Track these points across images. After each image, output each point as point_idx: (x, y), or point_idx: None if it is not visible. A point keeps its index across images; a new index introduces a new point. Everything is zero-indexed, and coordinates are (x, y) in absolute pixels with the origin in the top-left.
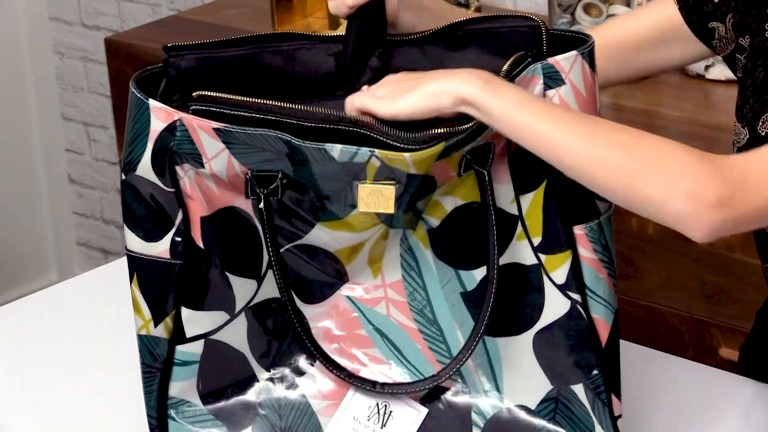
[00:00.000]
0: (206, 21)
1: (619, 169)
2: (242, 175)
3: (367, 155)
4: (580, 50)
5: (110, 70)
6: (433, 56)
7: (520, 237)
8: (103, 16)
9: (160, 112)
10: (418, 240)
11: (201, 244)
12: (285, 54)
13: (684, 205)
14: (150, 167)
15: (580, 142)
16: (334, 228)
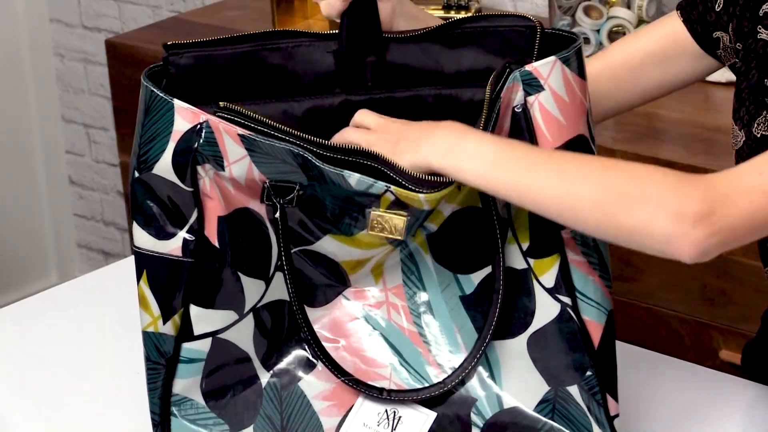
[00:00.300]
0: (207, 23)
1: (598, 206)
2: (260, 182)
3: (382, 189)
4: (559, 55)
5: (111, 72)
6: (431, 53)
7: (510, 241)
8: (104, 18)
9: (186, 113)
10: (418, 245)
11: (216, 243)
12: (284, 51)
13: (667, 227)
14: (170, 167)
15: (556, 186)
16: (342, 242)
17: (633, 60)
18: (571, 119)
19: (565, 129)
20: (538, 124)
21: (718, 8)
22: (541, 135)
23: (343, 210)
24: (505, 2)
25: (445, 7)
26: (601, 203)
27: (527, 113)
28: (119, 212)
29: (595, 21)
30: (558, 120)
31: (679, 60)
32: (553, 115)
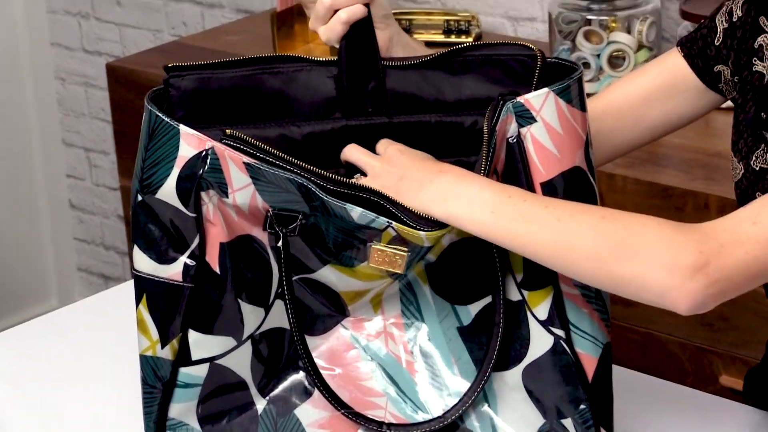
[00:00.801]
0: (208, 47)
1: (593, 257)
2: (263, 210)
3: (384, 224)
4: (552, 87)
5: (111, 96)
6: (432, 80)
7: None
8: (105, 42)
9: (192, 139)
10: (416, 275)
11: (217, 269)
12: (285, 75)
13: (663, 279)
14: (174, 192)
15: (551, 236)
16: (342, 272)
17: (636, 97)
18: (566, 151)
19: (558, 161)
20: (531, 155)
21: (718, 42)
22: (534, 167)
23: (344, 242)
24: (506, 27)
25: (445, 31)
26: (595, 254)
27: (521, 144)
28: (119, 236)
29: (596, 46)
30: (551, 152)
31: (682, 96)
32: (545, 147)
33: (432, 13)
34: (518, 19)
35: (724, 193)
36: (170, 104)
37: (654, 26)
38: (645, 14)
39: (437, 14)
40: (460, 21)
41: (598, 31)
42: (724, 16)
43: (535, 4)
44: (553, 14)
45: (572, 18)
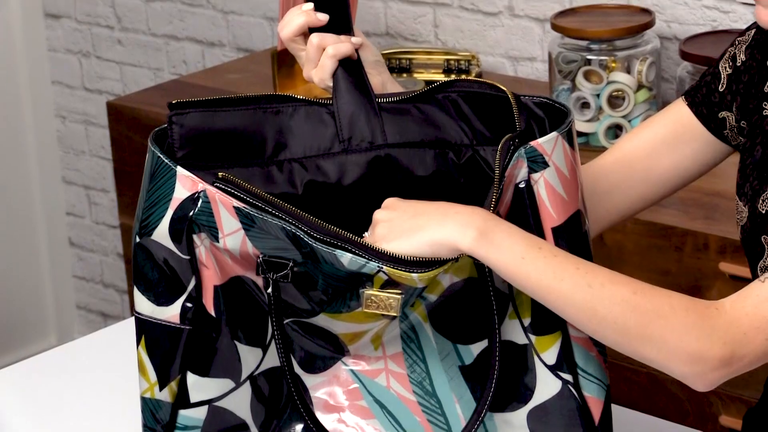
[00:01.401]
0: (208, 85)
1: (620, 330)
2: (254, 256)
3: (374, 269)
4: (560, 130)
5: (112, 134)
6: (426, 113)
7: (512, 316)
8: (105, 80)
9: (186, 180)
10: (417, 315)
11: (212, 311)
12: (285, 114)
13: (686, 368)
14: (167, 233)
15: (581, 300)
16: (337, 319)
17: (644, 150)
18: (571, 194)
19: (566, 204)
20: (543, 201)
21: (722, 88)
22: (545, 212)
23: (336, 290)
24: (506, 66)
25: (445, 70)
26: (622, 330)
27: (531, 189)
28: (119, 274)
29: (595, 85)
30: (561, 196)
31: (689, 146)
32: (557, 191)
33: (432, 52)
34: (518, 59)
35: (724, 233)
36: (172, 141)
37: (654, 66)
38: (645, 54)
39: (437, 53)
40: (460, 60)
41: (597, 71)
42: (728, 62)
43: (535, 43)
44: (553, 54)
45: (572, 58)
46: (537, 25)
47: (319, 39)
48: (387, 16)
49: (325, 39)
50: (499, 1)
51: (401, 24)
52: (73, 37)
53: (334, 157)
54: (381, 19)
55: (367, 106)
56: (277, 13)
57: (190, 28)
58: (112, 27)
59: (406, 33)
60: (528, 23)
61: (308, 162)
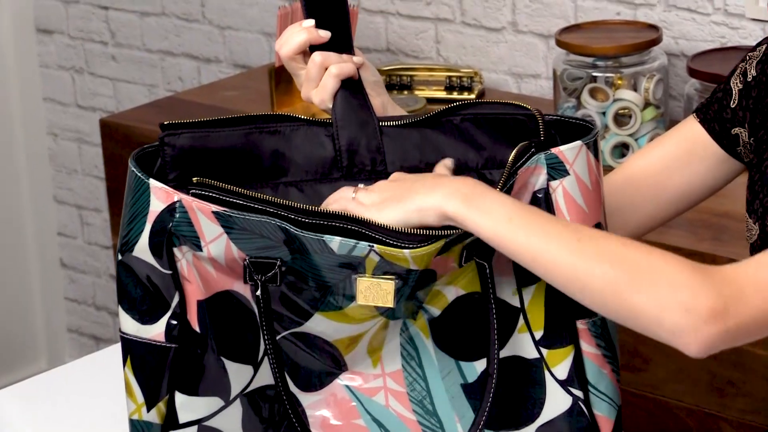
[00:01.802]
0: (204, 102)
1: (610, 282)
2: (240, 261)
3: (365, 250)
4: (585, 140)
5: (105, 152)
6: (432, 140)
7: (522, 330)
8: (99, 97)
9: (160, 192)
10: (418, 329)
11: (197, 327)
12: (282, 134)
13: (678, 318)
14: (147, 248)
15: (569, 256)
16: (332, 318)
17: (655, 168)
18: (592, 206)
19: (587, 216)
20: (561, 210)
21: (734, 105)
22: None
23: (328, 282)
24: (509, 84)
25: (447, 88)
26: (612, 281)
27: (549, 198)
28: (111, 296)
29: (601, 103)
30: (581, 207)
31: (701, 164)
32: (576, 201)
33: (434, 69)
34: (522, 76)
35: (733, 254)
36: (164, 163)
37: (661, 84)
38: (652, 71)
39: (439, 70)
40: (462, 77)
41: (603, 89)
42: (739, 77)
43: (539, 60)
44: (557, 71)
45: (577, 75)
46: (541, 42)
47: (322, 58)
48: (388, 32)
49: (329, 58)
50: (502, 17)
51: (402, 40)
52: (66, 52)
53: (332, 183)
54: (381, 34)
55: (368, 131)
56: (274, 28)
57: (185, 44)
58: (106, 42)
59: (407, 49)
60: (532, 39)
61: (306, 186)
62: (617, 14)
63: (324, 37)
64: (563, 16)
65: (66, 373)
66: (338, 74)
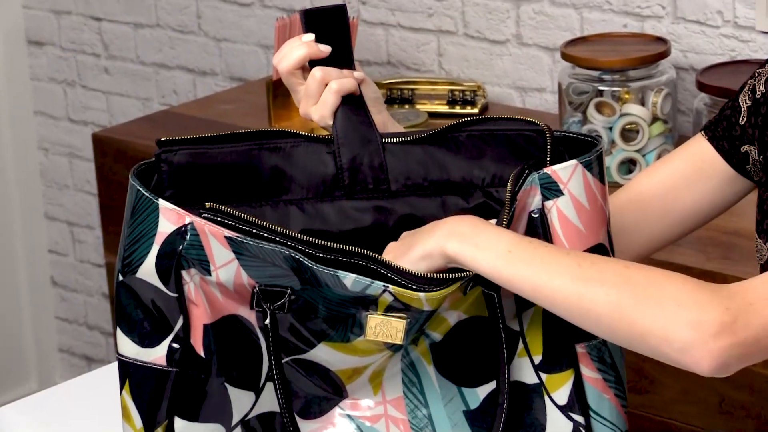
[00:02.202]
0: (200, 116)
1: (614, 306)
2: (249, 287)
3: (380, 289)
4: (581, 159)
5: (97, 167)
6: (435, 158)
7: (521, 354)
8: (91, 111)
9: (171, 214)
10: (420, 355)
11: (201, 352)
12: (282, 151)
13: (685, 335)
14: (154, 271)
15: (571, 284)
16: (338, 349)
17: (662, 187)
18: (591, 227)
19: (584, 237)
20: (556, 230)
21: (743, 122)
22: (558, 242)
23: (338, 315)
24: (513, 98)
25: (449, 102)
26: (616, 305)
27: (544, 218)
28: (104, 316)
29: (608, 118)
30: (577, 227)
31: (710, 182)
32: (571, 221)
33: (436, 82)
34: (526, 90)
35: (743, 273)
36: (161, 180)
37: (669, 98)
38: (660, 85)
39: (441, 84)
40: (465, 91)
41: (610, 103)
42: (747, 94)
43: (544, 74)
44: (563, 85)
45: (583, 89)
46: (546, 55)
47: (322, 73)
48: (388, 44)
49: (329, 73)
50: (506, 29)
51: (403, 52)
52: (58, 65)
53: (334, 202)
54: (382, 47)
55: (371, 148)
56: (272, 40)
57: (180, 56)
58: (99, 55)
59: (409, 62)
60: (537, 52)
61: (307, 204)
62: (624, 26)
63: (324, 52)
64: (569, 29)
65: (57, 395)
66: (339, 90)
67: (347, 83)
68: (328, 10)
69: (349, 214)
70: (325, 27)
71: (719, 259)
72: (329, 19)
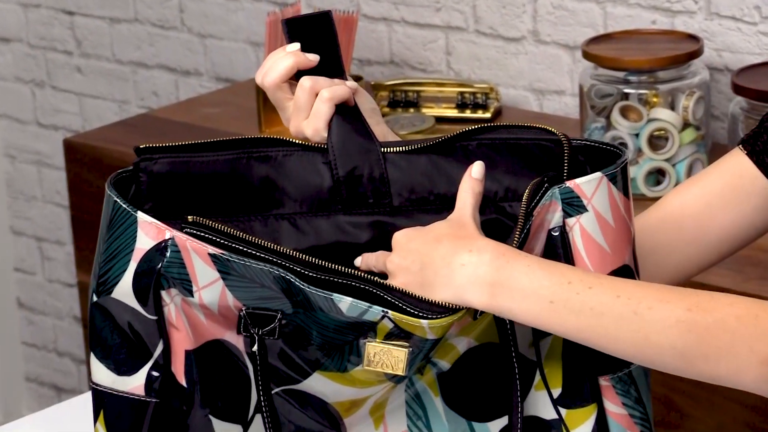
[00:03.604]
0: (182, 121)
1: (680, 357)
2: (235, 310)
3: (378, 315)
4: (606, 171)
5: (69, 177)
6: (443, 169)
7: (539, 387)
8: (62, 114)
9: (150, 228)
10: (426, 385)
11: (183, 381)
12: (274, 161)
13: (758, 372)
14: (131, 290)
15: (629, 335)
16: (334, 380)
17: (696, 206)
18: (616, 246)
19: (609, 258)
20: (578, 250)
21: None
22: (581, 263)
23: (333, 342)
24: (530, 101)
25: (459, 105)
26: (681, 354)
27: (565, 237)
28: (75, 341)
29: (634, 124)
30: (601, 247)
31: (749, 201)
32: (596, 240)
33: (444, 84)
34: (544, 92)
35: None
36: (139, 191)
37: (702, 102)
38: (691, 88)
39: (450, 85)
40: (476, 94)
41: (636, 107)
42: None
43: (563, 74)
44: (584, 87)
45: (607, 91)
46: (566, 53)
47: (311, 82)
48: (391, 41)
49: (319, 82)
50: (522, 25)
51: (408, 50)
52: (25, 63)
53: (330, 217)
54: (384, 44)
55: (371, 158)
56: (262, 37)
57: (161, 54)
58: (71, 52)
59: (414, 61)
60: (555, 50)
61: (300, 219)
62: (652, 23)
63: (313, 60)
64: (591, 25)
65: (24, 428)
66: (332, 98)
67: (340, 90)
68: (312, 17)
69: (347, 231)
70: (310, 36)
71: (758, 280)
72: (314, 27)
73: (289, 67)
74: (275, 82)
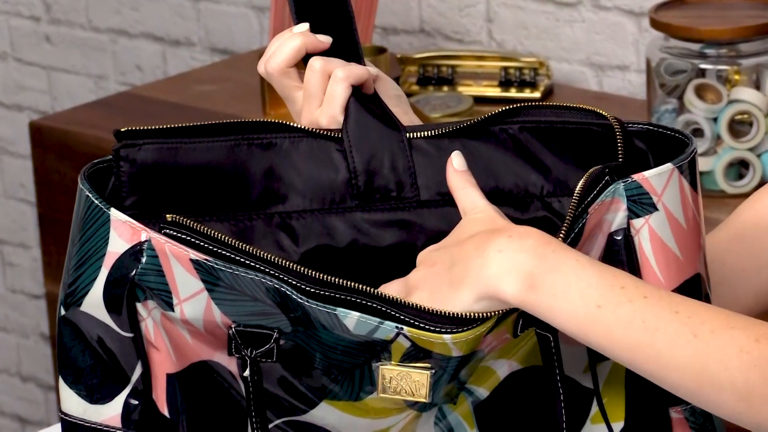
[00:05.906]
0: (171, 100)
1: (741, 393)
2: (224, 327)
3: (392, 332)
4: (676, 162)
5: (36, 167)
6: (479, 157)
7: (596, 420)
8: (27, 92)
9: (124, 228)
10: (460, 418)
11: (165, 410)
12: (279, 149)
13: None
14: (101, 302)
15: (685, 360)
16: (345, 410)
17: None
18: (689, 251)
19: (681, 265)
20: (647, 258)
21: None
22: (650, 274)
23: (341, 366)
24: (587, 78)
25: (502, 83)
26: (743, 393)
27: (630, 242)
28: (42, 363)
29: (712, 106)
30: (673, 253)
31: None
32: (667, 245)
33: (485, 57)
34: (604, 68)
35: None
36: (119, 184)
37: None
38: None
39: (492, 59)
40: (523, 69)
41: (715, 86)
42: None
43: (627, 46)
44: (653, 61)
45: (680, 67)
46: (631, 21)
47: (323, 62)
48: (421, 7)
49: (330, 62)
50: None
51: (441, 17)
52: None
53: (344, 214)
54: (413, 10)
55: (393, 145)
56: (267, 1)
57: (146, 21)
58: (38, 18)
59: (448, 30)
60: (618, 18)
61: (310, 218)
62: None
63: (324, 42)
64: None
65: None
66: (347, 77)
67: (357, 69)
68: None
69: (365, 230)
70: (321, 15)
71: None
72: (326, 5)
73: (297, 49)
74: (281, 68)
